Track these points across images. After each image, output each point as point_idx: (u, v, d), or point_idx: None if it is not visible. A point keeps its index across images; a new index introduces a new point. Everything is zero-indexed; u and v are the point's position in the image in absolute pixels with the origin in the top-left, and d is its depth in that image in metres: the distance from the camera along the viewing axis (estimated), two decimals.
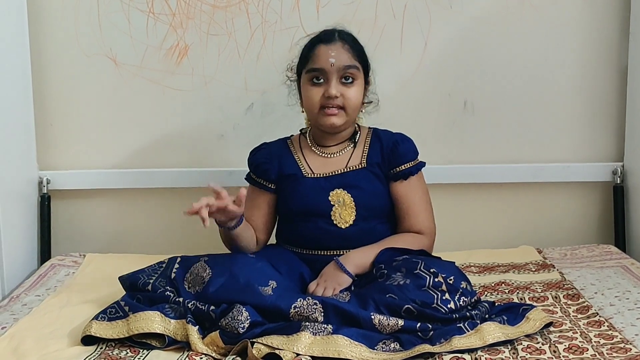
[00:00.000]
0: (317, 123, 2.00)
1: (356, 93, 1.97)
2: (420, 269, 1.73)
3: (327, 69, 1.94)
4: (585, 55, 2.48)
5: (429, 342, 1.60)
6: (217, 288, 1.74)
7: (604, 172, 2.51)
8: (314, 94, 1.97)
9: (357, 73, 1.97)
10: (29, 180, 2.43)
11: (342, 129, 2.02)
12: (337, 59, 1.94)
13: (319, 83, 1.96)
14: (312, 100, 1.97)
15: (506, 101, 2.50)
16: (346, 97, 1.95)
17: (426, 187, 2.07)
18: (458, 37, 2.47)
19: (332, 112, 1.95)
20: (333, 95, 1.94)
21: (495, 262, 2.26)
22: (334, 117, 1.96)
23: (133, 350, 1.63)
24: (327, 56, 1.95)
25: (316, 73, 1.96)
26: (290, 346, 1.56)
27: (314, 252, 1.99)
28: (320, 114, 1.97)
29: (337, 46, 1.97)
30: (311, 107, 1.98)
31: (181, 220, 2.51)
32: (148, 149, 2.51)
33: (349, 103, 1.96)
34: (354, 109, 1.98)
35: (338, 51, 1.96)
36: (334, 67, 1.94)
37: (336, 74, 1.95)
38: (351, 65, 1.96)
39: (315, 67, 1.96)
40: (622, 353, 1.56)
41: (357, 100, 1.98)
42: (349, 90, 1.96)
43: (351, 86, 1.96)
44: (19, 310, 1.92)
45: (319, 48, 1.97)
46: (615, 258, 2.26)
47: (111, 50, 2.46)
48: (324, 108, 1.96)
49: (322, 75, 1.96)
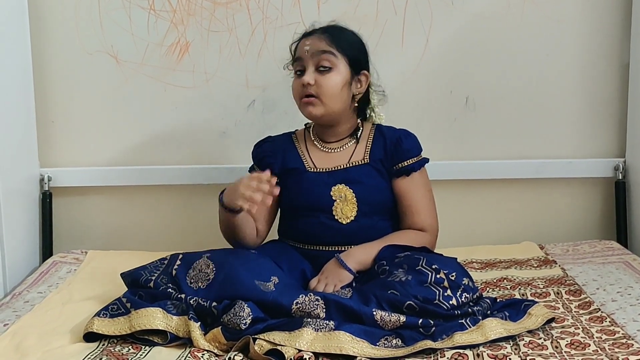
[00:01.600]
0: (303, 114, 2.01)
1: (332, 81, 1.95)
2: (422, 265, 1.73)
3: (303, 57, 1.97)
4: (587, 51, 2.48)
5: (431, 338, 1.60)
6: (220, 284, 1.74)
7: (605, 168, 2.51)
8: (296, 85, 2.00)
9: (335, 60, 1.96)
10: (31, 177, 2.43)
11: (328, 120, 2.00)
12: (312, 45, 1.96)
13: (300, 75, 1.98)
14: (294, 91, 2.00)
15: (507, 97, 2.50)
16: (319, 85, 1.94)
17: (429, 184, 2.06)
18: (459, 33, 2.46)
19: (308, 100, 1.96)
20: (305, 82, 1.94)
21: (497, 258, 2.26)
22: (310, 106, 1.96)
23: (135, 346, 1.63)
24: (303, 45, 1.98)
25: (296, 64, 1.99)
26: (292, 342, 1.56)
27: (315, 248, 1.99)
28: (301, 104, 1.99)
29: (315, 36, 1.99)
30: (295, 98, 2.01)
31: (182, 217, 2.52)
32: (150, 146, 2.51)
33: (322, 91, 1.94)
34: (330, 97, 1.95)
35: (314, 40, 1.98)
36: (308, 53, 1.95)
37: (311, 61, 1.95)
38: (325, 50, 1.95)
39: (296, 57, 2.00)
40: (624, 349, 1.56)
41: (334, 88, 1.95)
42: (323, 78, 1.95)
43: (327, 74, 1.95)
44: (21, 307, 1.92)
45: (301, 41, 2.01)
46: (617, 254, 2.26)
47: (112, 47, 2.46)
48: (302, 98, 1.97)
49: (301, 66, 1.97)
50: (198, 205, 2.52)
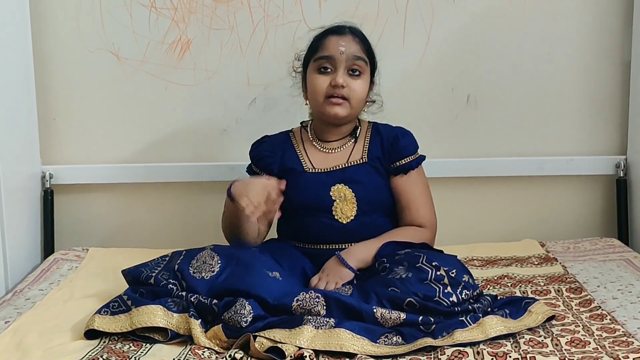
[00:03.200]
0: (321, 113, 2.00)
1: (361, 87, 1.98)
2: (422, 263, 1.73)
3: (336, 57, 1.95)
4: (588, 48, 2.48)
5: (431, 335, 1.60)
6: (227, 275, 1.74)
7: (607, 166, 2.51)
8: (320, 82, 1.97)
9: (365, 67, 1.98)
10: (32, 174, 2.44)
11: (345, 121, 2.02)
12: (347, 48, 1.95)
13: (326, 72, 1.97)
14: (318, 88, 1.97)
15: (509, 95, 2.49)
16: (352, 89, 1.96)
17: (426, 181, 2.07)
18: (461, 31, 2.46)
19: (337, 101, 1.96)
20: (340, 84, 1.94)
21: (497, 256, 2.26)
22: (338, 107, 1.96)
23: (136, 344, 1.63)
24: (337, 45, 1.96)
25: (324, 61, 1.96)
26: (292, 340, 1.56)
27: (315, 247, 1.99)
28: (325, 103, 1.97)
29: (348, 37, 1.98)
30: (316, 96, 1.98)
31: (184, 215, 2.53)
32: (151, 143, 2.51)
33: (354, 95, 1.96)
34: (358, 101, 1.98)
35: (349, 42, 1.97)
36: (344, 55, 1.94)
37: (344, 64, 1.95)
38: (360, 57, 1.96)
39: (325, 54, 1.97)
40: (624, 346, 1.56)
41: (362, 94, 1.99)
42: (355, 82, 1.96)
43: (357, 79, 1.97)
44: (23, 304, 1.92)
45: (329, 38, 1.99)
46: (618, 251, 2.26)
47: (113, 45, 2.46)
48: (330, 97, 1.96)
49: (330, 64, 1.96)
50: (199, 203, 2.52)
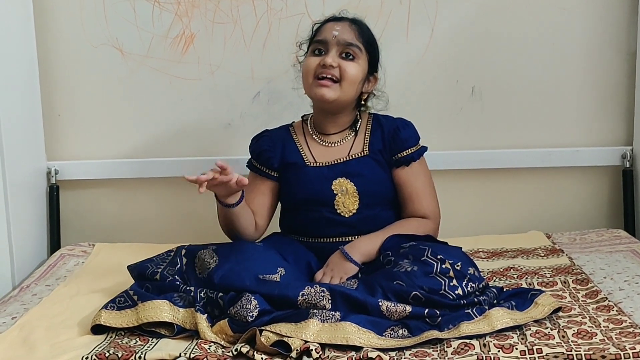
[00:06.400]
0: (310, 95, 1.98)
1: (354, 69, 1.94)
2: (428, 256, 1.73)
3: (328, 39, 1.94)
4: (594, 39, 2.47)
5: (437, 328, 1.60)
6: (222, 275, 1.74)
7: (613, 156, 2.50)
8: (311, 62, 1.95)
9: (359, 53, 1.95)
10: (38, 170, 2.44)
11: (335, 105, 1.98)
12: (342, 33, 1.94)
13: (319, 54, 1.96)
14: (308, 68, 1.96)
15: (514, 86, 2.49)
16: (343, 69, 1.93)
17: (429, 172, 2.06)
18: (465, 23, 2.45)
19: (325, 83, 1.93)
20: (328, 64, 1.92)
21: (503, 248, 2.26)
22: (325, 88, 1.93)
23: (142, 338, 1.63)
24: (331, 29, 1.95)
25: (318, 45, 1.96)
26: (298, 334, 1.56)
27: (319, 240, 1.99)
28: (314, 84, 1.95)
29: (345, 24, 1.97)
30: (306, 76, 1.97)
31: (189, 209, 2.53)
32: (155, 138, 2.51)
33: (345, 75, 1.93)
34: (350, 84, 1.94)
35: (344, 27, 1.96)
36: (335, 39, 1.93)
37: (336, 47, 1.94)
38: (353, 43, 1.94)
39: (319, 38, 1.97)
40: (631, 337, 1.55)
41: (355, 77, 1.95)
42: (347, 64, 1.94)
43: (350, 62, 1.95)
44: (29, 300, 1.93)
45: (327, 24, 1.99)
46: (625, 242, 2.25)
47: (117, 40, 2.46)
48: (319, 79, 1.94)
49: (324, 47, 1.95)
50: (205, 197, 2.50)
